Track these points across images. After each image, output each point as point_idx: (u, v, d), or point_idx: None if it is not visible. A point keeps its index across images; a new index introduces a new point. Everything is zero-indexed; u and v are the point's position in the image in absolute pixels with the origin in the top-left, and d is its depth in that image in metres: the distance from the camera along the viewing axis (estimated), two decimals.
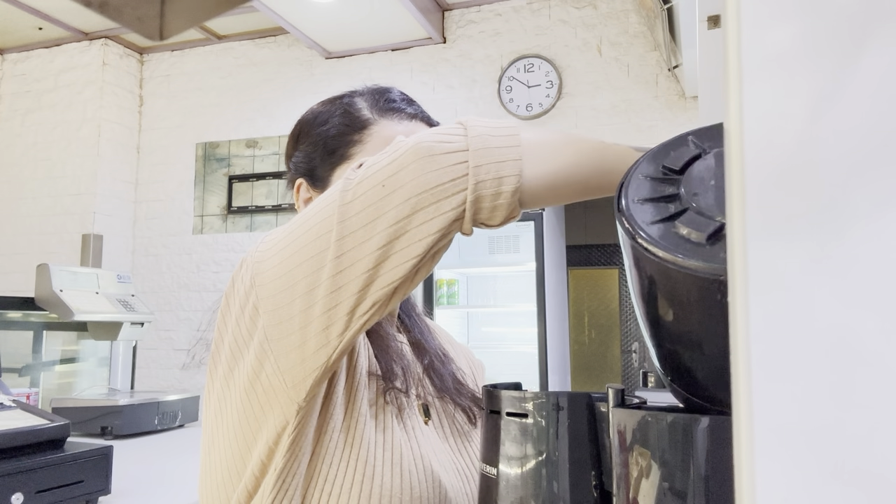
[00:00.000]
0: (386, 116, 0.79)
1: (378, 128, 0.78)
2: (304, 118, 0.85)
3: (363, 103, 0.80)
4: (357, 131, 0.78)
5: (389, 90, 0.83)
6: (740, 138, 0.23)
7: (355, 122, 0.79)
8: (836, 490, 0.21)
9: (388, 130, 0.78)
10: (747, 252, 0.23)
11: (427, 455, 0.71)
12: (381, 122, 0.78)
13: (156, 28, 0.35)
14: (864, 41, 0.22)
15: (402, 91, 0.84)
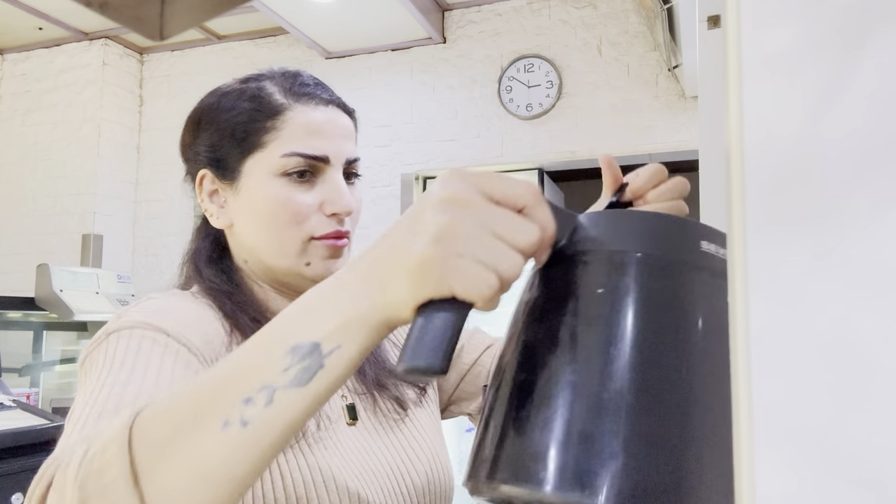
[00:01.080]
0: (301, 101, 0.74)
1: (293, 114, 0.73)
2: (205, 103, 0.79)
3: (274, 87, 0.75)
4: (270, 117, 0.73)
5: (300, 73, 0.78)
6: (740, 138, 0.23)
7: (268, 107, 0.73)
8: (836, 490, 0.21)
9: (303, 117, 0.73)
10: (747, 252, 0.23)
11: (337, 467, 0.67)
12: (295, 107, 0.74)
13: (156, 28, 0.35)
14: (864, 41, 0.22)
15: (312, 75, 0.80)
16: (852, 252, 0.21)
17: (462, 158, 3.76)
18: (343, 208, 0.73)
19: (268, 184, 0.72)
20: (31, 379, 2.67)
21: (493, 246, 0.38)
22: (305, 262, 0.73)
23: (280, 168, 0.72)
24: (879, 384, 0.20)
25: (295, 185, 0.72)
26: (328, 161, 0.73)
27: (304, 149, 0.72)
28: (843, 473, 0.21)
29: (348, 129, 0.78)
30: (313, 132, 0.73)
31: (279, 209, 0.72)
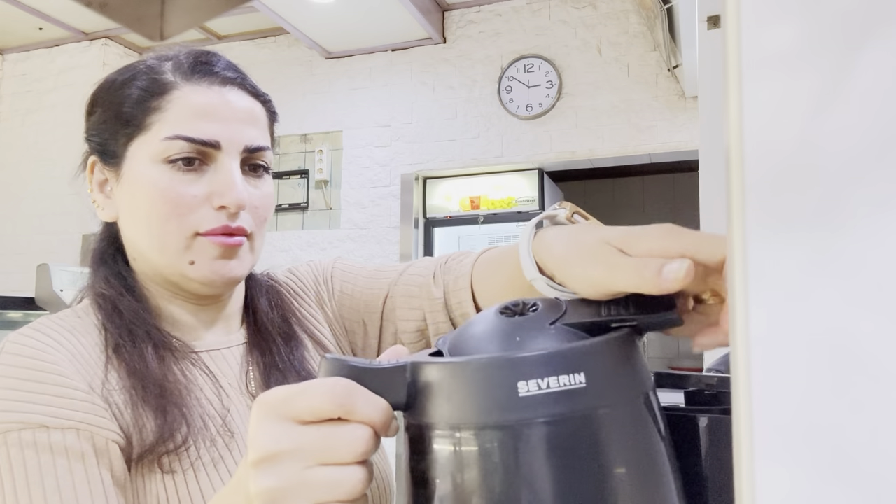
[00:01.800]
0: (192, 81, 0.66)
1: (181, 93, 0.65)
2: (100, 83, 0.70)
3: (169, 66, 0.67)
4: (156, 96, 0.64)
5: (209, 53, 0.70)
6: (740, 138, 0.23)
7: (155, 85, 0.65)
8: (836, 490, 0.21)
9: (193, 97, 0.65)
10: (747, 252, 0.23)
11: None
12: (184, 86, 0.65)
13: (156, 28, 0.35)
14: (864, 41, 0.22)
15: (226, 60, 0.72)
16: (852, 252, 0.21)
17: (462, 158, 3.76)
18: (232, 200, 0.64)
19: (149, 170, 0.64)
20: None
21: (326, 478, 0.35)
22: (189, 260, 0.65)
23: (162, 153, 0.63)
24: (879, 384, 0.20)
25: (180, 172, 0.64)
26: (218, 147, 0.64)
27: (190, 132, 0.63)
28: (843, 473, 0.21)
29: (251, 113, 0.68)
30: (203, 114, 0.64)
31: (158, 199, 0.63)
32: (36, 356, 0.59)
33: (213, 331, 0.72)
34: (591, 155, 3.54)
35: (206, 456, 0.61)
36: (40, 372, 0.58)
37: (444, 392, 0.35)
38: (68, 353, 0.60)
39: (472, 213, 3.73)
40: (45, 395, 0.57)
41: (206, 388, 0.66)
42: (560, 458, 0.33)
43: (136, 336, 0.64)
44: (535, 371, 0.33)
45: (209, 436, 0.62)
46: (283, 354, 0.72)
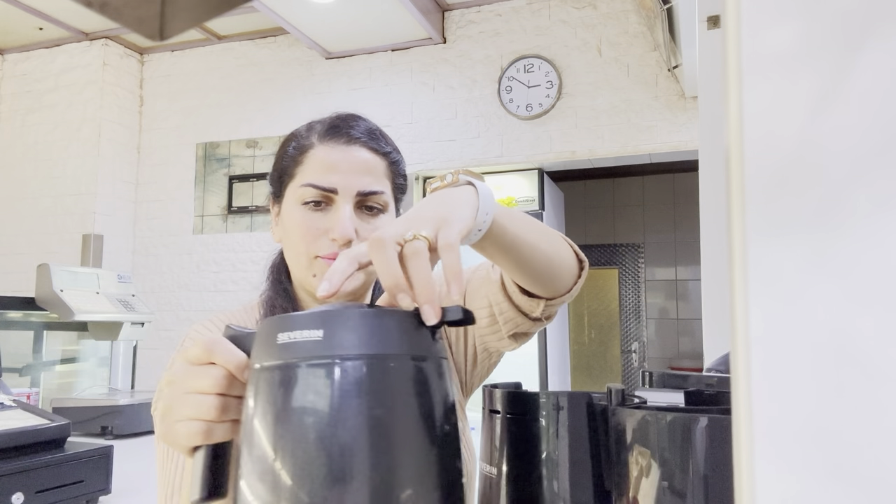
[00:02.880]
0: (324, 141, 0.87)
1: (315, 151, 0.86)
2: (284, 139, 0.94)
3: (318, 127, 0.89)
4: (300, 153, 0.87)
5: (346, 118, 0.90)
6: (740, 138, 0.23)
7: (300, 145, 0.88)
8: (836, 490, 0.21)
9: (322, 153, 0.86)
10: (747, 252, 0.23)
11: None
12: (318, 146, 0.86)
13: (156, 28, 0.35)
14: (864, 41, 0.22)
15: (356, 117, 0.91)
16: (852, 252, 0.21)
17: (462, 158, 3.76)
18: (339, 234, 0.83)
19: (293, 209, 0.87)
20: (31, 379, 2.67)
21: (192, 401, 0.52)
22: (312, 273, 0.85)
23: (301, 197, 0.85)
24: (879, 384, 0.20)
25: (311, 212, 0.85)
26: (336, 192, 0.84)
27: (317, 181, 0.84)
28: (842, 473, 0.21)
29: (369, 165, 0.87)
30: (328, 168, 0.85)
31: (296, 230, 0.85)
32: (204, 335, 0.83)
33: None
34: (591, 155, 3.54)
35: None
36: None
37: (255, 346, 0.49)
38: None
39: None
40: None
41: None
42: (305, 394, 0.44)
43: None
44: (289, 326, 0.46)
45: None
46: None
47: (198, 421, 0.51)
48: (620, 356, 5.89)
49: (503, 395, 0.53)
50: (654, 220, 5.81)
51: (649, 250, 5.82)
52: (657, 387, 0.61)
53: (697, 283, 5.33)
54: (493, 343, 0.90)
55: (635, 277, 5.86)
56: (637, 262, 5.87)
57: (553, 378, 3.66)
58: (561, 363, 3.97)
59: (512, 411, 0.52)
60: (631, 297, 5.87)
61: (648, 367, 5.74)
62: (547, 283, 0.77)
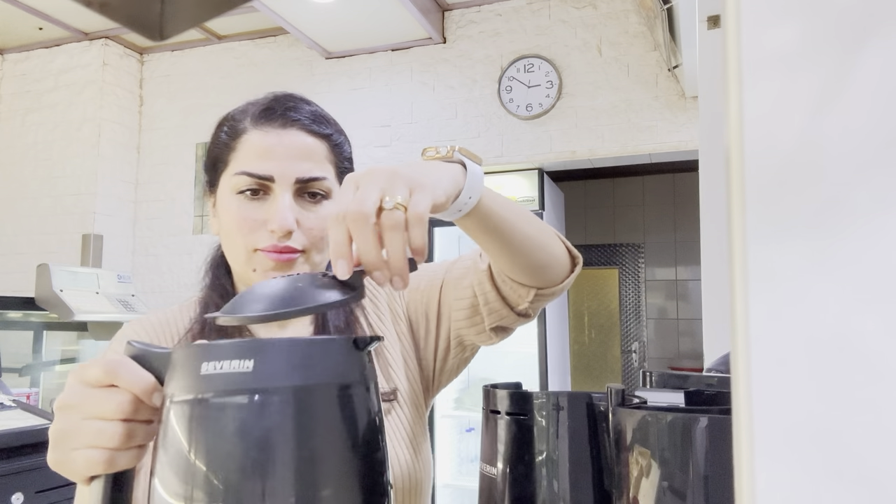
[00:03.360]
0: (259, 126, 0.81)
1: (249, 136, 0.81)
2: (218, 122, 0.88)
3: (251, 110, 0.83)
4: (233, 139, 0.82)
5: (282, 99, 0.84)
6: (740, 138, 0.23)
7: (233, 130, 0.83)
8: (836, 490, 0.21)
9: (256, 139, 0.80)
10: (747, 252, 0.23)
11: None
12: (252, 131, 0.81)
13: (156, 28, 0.35)
14: (865, 41, 0.22)
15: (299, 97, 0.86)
16: (852, 252, 0.21)
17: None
18: (278, 226, 0.77)
19: (228, 199, 0.81)
20: (31, 379, 2.67)
21: (92, 428, 0.47)
22: (252, 268, 0.80)
23: (235, 185, 0.80)
24: (879, 384, 0.20)
25: (247, 201, 0.80)
26: (273, 180, 0.79)
27: (251, 168, 0.79)
28: (843, 473, 0.21)
29: (307, 148, 0.81)
30: (263, 154, 0.79)
31: (231, 222, 0.80)
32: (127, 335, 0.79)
33: (288, 327, 0.87)
34: (591, 155, 3.54)
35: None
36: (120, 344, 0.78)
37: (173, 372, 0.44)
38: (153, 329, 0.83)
39: None
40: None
41: None
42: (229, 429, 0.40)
43: (212, 329, 0.80)
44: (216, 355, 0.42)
45: None
46: None
47: (99, 449, 0.47)
48: (620, 356, 5.89)
49: (503, 395, 0.53)
50: (654, 220, 5.81)
51: (649, 250, 5.82)
52: (657, 387, 0.61)
53: (697, 283, 5.33)
54: (471, 336, 0.86)
55: (635, 277, 5.87)
56: (637, 262, 5.87)
57: (553, 378, 3.66)
58: (561, 363, 3.97)
59: (512, 411, 0.52)
60: (631, 297, 5.87)
61: (648, 367, 5.74)
62: (537, 271, 0.75)
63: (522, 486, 0.51)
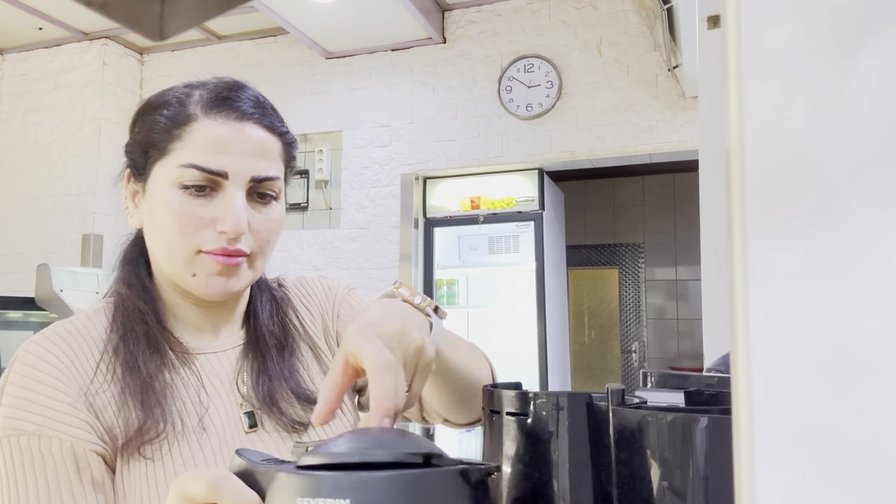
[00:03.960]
0: (210, 114, 0.72)
1: (199, 125, 0.71)
2: (145, 101, 0.77)
3: (195, 96, 0.73)
4: (178, 126, 0.72)
5: (234, 87, 0.75)
6: (740, 138, 0.23)
7: (179, 115, 0.72)
8: (836, 490, 0.21)
9: (208, 129, 0.71)
10: (747, 252, 0.23)
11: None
12: (203, 119, 0.71)
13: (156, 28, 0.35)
14: (864, 41, 0.22)
15: (252, 91, 0.77)
16: (852, 252, 0.21)
17: (462, 158, 3.76)
18: (231, 227, 0.71)
19: (166, 192, 0.72)
20: None
21: None
22: (191, 272, 0.73)
23: (178, 178, 0.71)
24: (879, 384, 0.20)
25: (191, 197, 0.71)
26: (226, 176, 0.71)
27: (202, 162, 0.70)
28: (843, 473, 0.21)
29: (263, 145, 0.74)
30: (216, 147, 0.71)
31: (170, 218, 0.71)
32: (36, 365, 0.69)
33: (218, 331, 0.80)
34: (591, 155, 3.54)
35: (180, 448, 0.71)
36: (37, 382, 0.68)
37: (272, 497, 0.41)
38: (66, 358, 0.70)
39: (472, 213, 3.73)
40: (38, 405, 0.67)
41: (190, 388, 0.75)
42: None
43: (137, 338, 0.74)
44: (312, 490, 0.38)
45: (185, 431, 0.72)
46: (275, 361, 0.80)
47: None
48: (620, 356, 5.89)
49: (503, 395, 0.53)
50: (654, 220, 5.81)
51: (649, 250, 5.82)
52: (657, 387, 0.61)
53: (697, 283, 5.33)
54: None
55: (635, 277, 5.87)
56: (637, 262, 5.87)
57: (553, 378, 3.66)
58: (561, 363, 3.97)
59: (512, 411, 0.52)
60: (631, 297, 5.87)
61: (648, 367, 5.74)
62: (462, 404, 0.78)
63: (522, 486, 0.51)
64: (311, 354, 0.84)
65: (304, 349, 0.84)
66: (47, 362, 0.69)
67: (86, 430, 0.68)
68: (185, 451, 0.71)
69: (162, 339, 0.75)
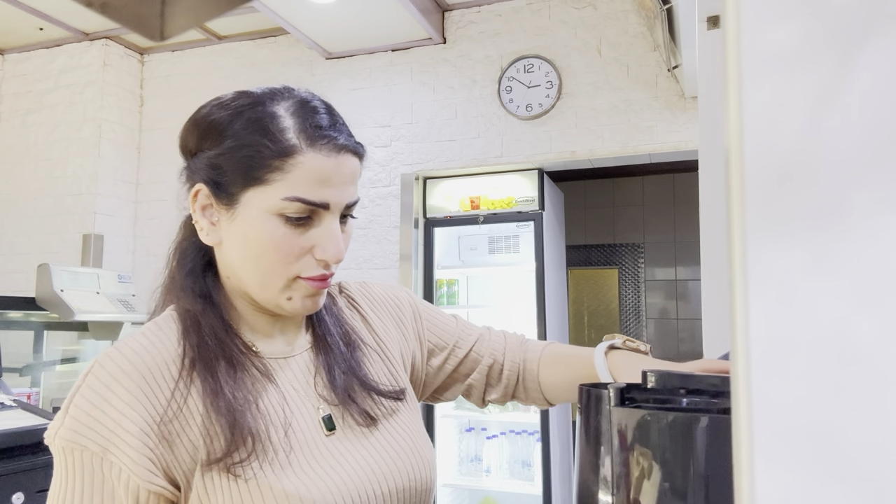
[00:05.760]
0: (313, 147, 0.72)
1: (304, 159, 0.71)
2: (214, 118, 0.75)
3: (288, 122, 0.73)
4: (280, 157, 0.71)
5: (315, 108, 0.75)
6: (740, 138, 0.23)
7: (280, 146, 0.71)
8: (836, 490, 0.21)
9: (313, 163, 0.71)
10: (747, 252, 0.23)
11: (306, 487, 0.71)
12: (307, 152, 0.72)
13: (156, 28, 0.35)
14: (864, 41, 0.22)
15: (325, 104, 0.77)
16: (852, 252, 0.21)
17: (462, 159, 3.76)
18: (332, 256, 0.74)
19: (264, 220, 0.72)
20: (31, 379, 2.67)
21: None
22: (287, 297, 0.75)
23: (280, 209, 0.71)
24: (879, 384, 0.20)
25: (291, 227, 0.72)
26: (328, 208, 0.73)
27: (307, 195, 0.71)
28: (843, 473, 0.21)
29: (355, 173, 0.76)
30: (320, 180, 0.72)
31: (271, 247, 0.72)
32: (109, 384, 0.69)
33: (287, 336, 0.82)
34: (591, 155, 3.54)
35: (271, 465, 0.70)
36: (107, 403, 0.68)
37: None
38: (141, 378, 0.70)
39: (472, 213, 3.73)
40: (105, 428, 0.67)
41: (273, 400, 0.75)
42: None
43: (212, 352, 0.73)
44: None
45: (272, 447, 0.71)
46: (345, 356, 0.83)
47: None
48: None
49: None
50: (654, 220, 5.81)
51: (649, 250, 5.82)
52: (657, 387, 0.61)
53: (697, 283, 5.33)
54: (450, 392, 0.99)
55: (635, 277, 5.86)
56: (637, 262, 5.87)
57: None
58: None
59: None
60: (631, 297, 5.87)
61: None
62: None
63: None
64: (376, 353, 0.88)
65: (367, 347, 0.88)
66: (120, 383, 0.69)
67: (148, 466, 0.67)
68: (275, 468, 0.71)
69: (238, 352, 0.75)
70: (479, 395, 0.99)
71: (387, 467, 0.78)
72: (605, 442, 0.49)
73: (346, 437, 0.78)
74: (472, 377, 0.97)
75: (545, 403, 0.99)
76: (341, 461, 0.75)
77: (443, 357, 0.97)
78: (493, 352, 0.98)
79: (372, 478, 0.76)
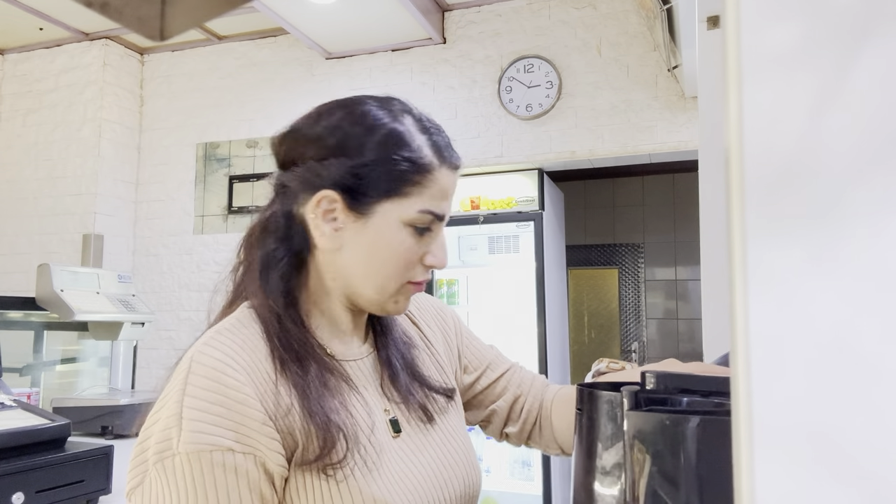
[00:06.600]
0: (446, 165, 0.80)
1: (439, 175, 0.79)
2: (346, 130, 0.78)
3: (420, 139, 0.79)
4: (421, 173, 0.77)
5: (433, 125, 0.83)
6: (740, 138, 0.23)
7: (421, 164, 0.78)
8: (836, 490, 0.21)
9: (444, 180, 0.80)
10: (747, 252, 0.23)
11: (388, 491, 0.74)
12: (441, 170, 0.79)
13: (156, 28, 0.35)
14: (864, 41, 0.22)
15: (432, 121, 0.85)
16: (852, 252, 0.21)
17: (462, 158, 3.76)
18: (441, 263, 0.81)
19: (398, 230, 0.77)
20: (31, 379, 2.67)
21: None
22: (395, 300, 0.81)
23: (413, 220, 0.77)
24: (879, 384, 0.20)
25: (415, 236, 0.78)
26: (443, 219, 0.81)
27: (437, 209, 0.79)
28: (842, 473, 0.21)
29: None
30: (446, 195, 0.80)
31: (397, 255, 0.78)
32: (220, 379, 0.69)
33: (357, 336, 0.85)
34: (591, 155, 3.54)
35: (358, 468, 0.73)
36: (226, 397, 0.68)
37: None
38: (245, 371, 0.71)
39: (471, 213, 3.73)
40: (231, 421, 0.67)
41: (356, 402, 0.78)
42: None
43: (298, 353, 0.75)
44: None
45: (363, 450, 0.74)
46: (402, 353, 0.87)
47: None
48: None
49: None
50: (654, 220, 5.81)
51: (649, 250, 5.82)
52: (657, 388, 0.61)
53: (697, 283, 5.33)
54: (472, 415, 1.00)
55: (635, 277, 5.86)
56: (637, 262, 5.87)
57: (552, 378, 3.66)
58: (561, 363, 3.97)
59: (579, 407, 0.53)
60: (631, 297, 5.87)
61: None
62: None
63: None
64: (426, 353, 0.92)
65: (419, 345, 0.92)
66: (230, 377, 0.69)
67: (275, 448, 0.69)
68: (363, 471, 0.73)
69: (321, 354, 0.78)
70: (500, 424, 1.00)
71: (448, 472, 0.81)
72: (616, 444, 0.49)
73: (411, 439, 0.81)
74: (497, 404, 0.99)
75: (558, 449, 0.98)
76: (410, 465, 0.78)
77: (475, 376, 0.99)
78: (521, 385, 1.00)
79: (436, 483, 0.79)
